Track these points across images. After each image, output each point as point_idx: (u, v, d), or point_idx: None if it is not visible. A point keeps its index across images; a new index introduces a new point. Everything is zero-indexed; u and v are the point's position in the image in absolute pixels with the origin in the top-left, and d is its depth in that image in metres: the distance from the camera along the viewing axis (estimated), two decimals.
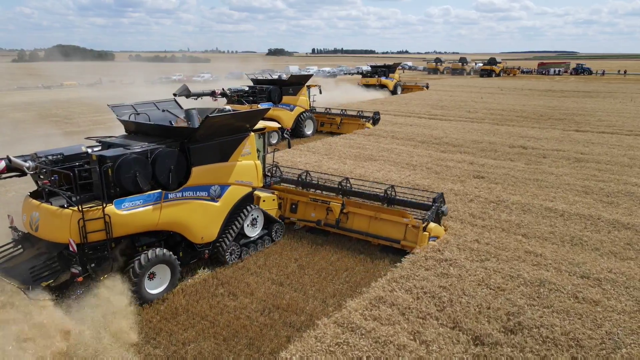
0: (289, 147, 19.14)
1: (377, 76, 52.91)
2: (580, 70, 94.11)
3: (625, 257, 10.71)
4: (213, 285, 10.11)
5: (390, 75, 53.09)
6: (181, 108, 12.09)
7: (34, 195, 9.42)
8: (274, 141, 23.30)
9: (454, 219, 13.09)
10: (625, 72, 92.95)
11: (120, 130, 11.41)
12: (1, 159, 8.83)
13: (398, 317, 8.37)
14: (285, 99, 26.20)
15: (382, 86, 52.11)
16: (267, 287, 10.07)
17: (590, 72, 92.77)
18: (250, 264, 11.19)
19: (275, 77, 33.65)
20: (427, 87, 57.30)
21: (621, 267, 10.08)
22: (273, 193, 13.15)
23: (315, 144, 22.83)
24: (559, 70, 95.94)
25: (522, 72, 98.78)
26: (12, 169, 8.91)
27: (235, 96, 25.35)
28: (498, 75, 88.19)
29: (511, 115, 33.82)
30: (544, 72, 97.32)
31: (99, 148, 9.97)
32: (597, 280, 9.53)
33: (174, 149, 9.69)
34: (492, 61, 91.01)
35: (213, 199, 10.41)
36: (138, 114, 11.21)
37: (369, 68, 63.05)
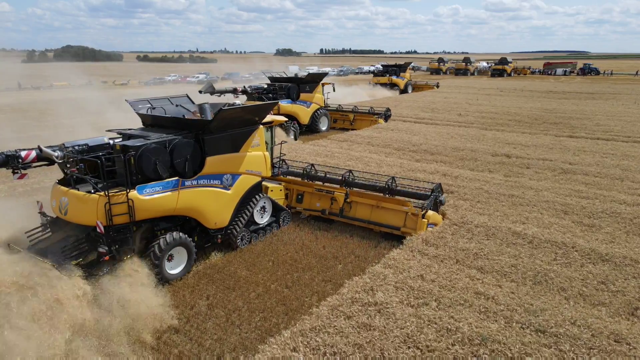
0: (295, 139, 19.52)
1: (388, 75, 53.95)
2: (587, 71, 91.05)
3: (596, 302, 8.73)
4: None
5: (402, 74, 54.16)
6: (193, 103, 12.63)
7: (62, 182, 10.02)
8: (291, 136, 23.34)
9: (403, 247, 11.21)
10: (637, 72, 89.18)
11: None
12: (32, 149, 9.41)
13: None
14: (302, 96, 26.53)
15: (394, 85, 53.03)
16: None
17: (597, 72, 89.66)
18: None
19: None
20: (438, 86, 57.53)
21: (588, 317, 8.10)
22: (280, 184, 13.78)
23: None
24: (566, 71, 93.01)
25: (532, 72, 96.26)
26: (42, 158, 9.52)
27: (255, 93, 25.65)
28: (509, 75, 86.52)
29: (503, 119, 31.68)
30: (549, 72, 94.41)
31: (120, 139, 10.58)
32: (555, 336, 7.59)
33: (190, 140, 10.28)
34: (503, 61, 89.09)
35: (225, 187, 11.05)
36: (154, 108, 11.75)
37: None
